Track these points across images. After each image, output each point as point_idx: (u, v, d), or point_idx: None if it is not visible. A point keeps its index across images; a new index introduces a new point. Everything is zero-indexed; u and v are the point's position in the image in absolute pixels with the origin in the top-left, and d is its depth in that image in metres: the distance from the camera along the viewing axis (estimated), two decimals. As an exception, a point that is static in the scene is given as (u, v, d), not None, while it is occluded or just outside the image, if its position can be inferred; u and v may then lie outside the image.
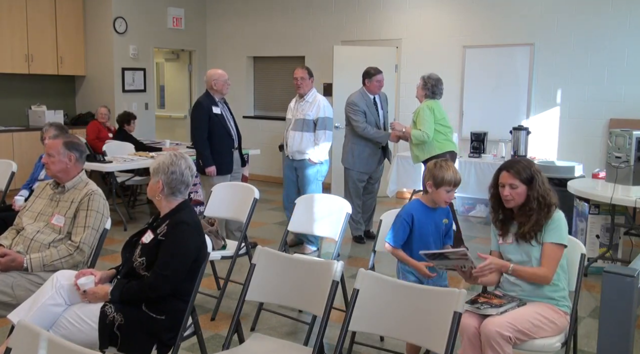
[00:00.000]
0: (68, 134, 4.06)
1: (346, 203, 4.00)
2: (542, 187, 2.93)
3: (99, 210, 3.30)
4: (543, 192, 2.92)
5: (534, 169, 2.97)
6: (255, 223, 6.50)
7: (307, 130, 5.53)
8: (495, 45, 7.61)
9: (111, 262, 4.81)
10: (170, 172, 2.90)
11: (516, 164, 3.00)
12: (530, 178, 2.93)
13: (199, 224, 2.94)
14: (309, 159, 5.57)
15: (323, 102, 5.58)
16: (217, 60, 10.01)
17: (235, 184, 4.68)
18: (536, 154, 7.19)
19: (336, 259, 2.82)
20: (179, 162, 2.93)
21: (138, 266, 2.82)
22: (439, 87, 5.64)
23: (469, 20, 7.81)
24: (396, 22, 8.37)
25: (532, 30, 7.36)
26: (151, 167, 2.95)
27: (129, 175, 7.06)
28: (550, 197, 2.94)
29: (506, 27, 7.54)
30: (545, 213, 2.91)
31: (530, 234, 2.92)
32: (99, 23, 8.97)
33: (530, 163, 3.02)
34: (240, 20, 9.85)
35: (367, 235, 6.24)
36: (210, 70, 5.64)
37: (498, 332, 2.66)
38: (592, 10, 7.02)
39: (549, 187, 2.98)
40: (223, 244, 4.19)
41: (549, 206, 2.92)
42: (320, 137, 5.54)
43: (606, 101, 7.02)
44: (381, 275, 2.56)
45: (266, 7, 9.55)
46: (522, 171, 2.94)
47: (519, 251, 2.99)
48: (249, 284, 2.81)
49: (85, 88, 9.35)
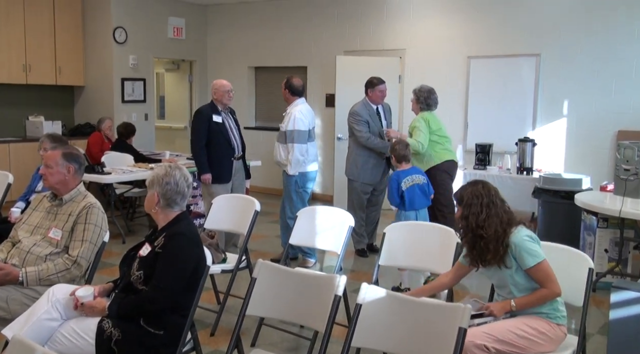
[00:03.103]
0: (67, 145, 4.07)
1: (349, 216, 4.00)
2: (467, 209, 2.88)
3: (97, 223, 3.30)
4: (469, 216, 2.87)
5: (470, 190, 2.93)
6: (256, 236, 6.49)
7: (282, 141, 5.56)
8: (501, 55, 7.63)
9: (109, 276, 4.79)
10: (165, 183, 2.91)
11: (462, 186, 3.02)
12: (461, 199, 2.92)
13: (196, 235, 2.94)
14: (285, 171, 5.61)
15: (295, 114, 5.49)
16: (217, 71, 10.05)
17: (235, 196, 4.68)
18: (542, 166, 7.18)
19: (338, 273, 2.81)
20: (173, 172, 2.94)
21: (136, 279, 2.81)
22: (432, 97, 5.73)
23: (473, 31, 7.83)
24: (400, 32, 8.40)
25: (538, 40, 7.38)
26: (147, 181, 2.97)
27: (127, 187, 7.06)
28: (479, 225, 2.85)
29: (512, 37, 7.57)
30: (480, 245, 2.85)
31: (491, 262, 2.87)
32: (98, 33, 9.02)
33: (472, 184, 2.98)
34: (241, 30, 9.90)
35: (370, 248, 6.22)
36: (215, 81, 5.76)
37: (471, 342, 2.63)
38: (599, 19, 7.04)
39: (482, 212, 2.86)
40: (223, 257, 4.18)
41: (477, 235, 2.85)
42: (290, 150, 5.51)
43: (614, 112, 7.03)
44: (385, 290, 2.55)
45: (268, 17, 9.60)
46: (459, 192, 2.96)
47: (494, 275, 2.96)
48: (250, 299, 2.80)
49: (84, 99, 9.38)
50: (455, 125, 7.84)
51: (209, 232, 4.23)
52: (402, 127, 8.13)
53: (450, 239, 3.40)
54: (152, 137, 9.64)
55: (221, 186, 5.58)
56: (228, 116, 5.74)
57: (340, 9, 8.89)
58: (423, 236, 3.55)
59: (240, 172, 5.85)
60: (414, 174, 5.02)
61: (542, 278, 2.81)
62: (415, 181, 4.98)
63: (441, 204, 5.62)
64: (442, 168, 5.67)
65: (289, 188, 5.61)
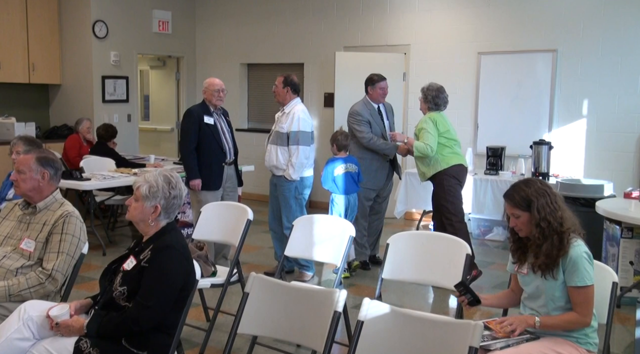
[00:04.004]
0: (41, 149, 4.06)
1: (349, 225, 3.99)
2: (542, 211, 2.85)
3: (74, 234, 3.29)
4: (547, 216, 2.85)
5: (531, 190, 2.90)
6: (248, 247, 6.48)
7: (280, 144, 5.53)
8: (514, 51, 7.65)
9: (88, 291, 4.79)
10: (172, 197, 2.89)
11: (514, 190, 2.95)
12: (528, 203, 2.88)
13: (186, 249, 2.93)
14: (284, 176, 5.58)
15: (298, 114, 5.51)
16: (207, 68, 10.07)
17: (226, 204, 4.68)
18: (560, 171, 7.19)
19: (338, 288, 2.80)
20: (178, 184, 2.92)
21: (118, 295, 2.79)
22: (441, 96, 5.72)
23: (484, 24, 7.85)
24: (404, 26, 8.42)
25: (555, 34, 7.40)
26: (144, 190, 2.87)
27: (108, 194, 7.05)
28: (559, 222, 2.86)
29: (526, 31, 7.58)
30: (556, 242, 2.84)
31: (541, 267, 2.86)
32: (76, 26, 9.02)
33: (530, 184, 2.95)
34: (233, 24, 9.92)
35: (372, 260, 6.21)
36: (207, 79, 5.76)
37: None
38: (621, 11, 7.05)
39: (556, 208, 2.88)
40: (213, 270, 4.17)
41: (559, 233, 2.85)
42: (293, 153, 5.49)
43: (639, 112, 7.03)
44: (389, 305, 2.54)
45: (262, 10, 9.62)
46: (518, 198, 2.90)
47: (532, 283, 2.96)
48: (242, 316, 2.80)
49: (60, 98, 9.38)
50: (464, 127, 7.85)
51: (198, 243, 4.21)
52: (407, 130, 8.13)
53: (459, 250, 3.40)
54: (136, 140, 9.63)
55: (211, 193, 5.57)
56: (220, 118, 5.73)
57: (340, 1, 8.91)
58: (430, 247, 3.54)
59: (232, 178, 5.83)
60: (349, 163, 5.77)
61: (579, 302, 2.82)
62: (349, 169, 5.75)
63: (449, 212, 5.61)
64: (450, 173, 5.66)
65: (287, 195, 5.59)
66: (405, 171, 7.41)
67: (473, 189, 7.02)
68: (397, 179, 6.83)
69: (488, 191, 7.05)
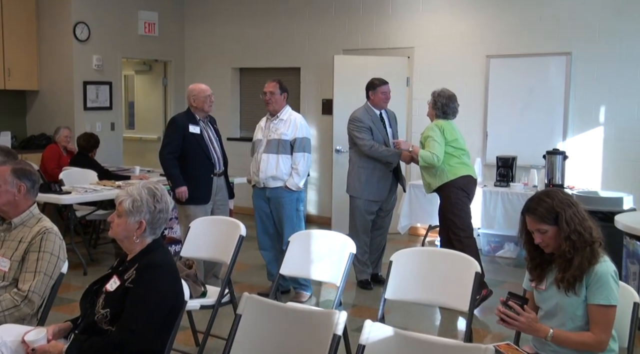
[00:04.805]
0: (17, 160, 4.06)
1: (350, 241, 3.99)
2: (572, 222, 2.87)
3: (53, 252, 3.28)
4: (577, 227, 2.87)
5: (556, 201, 2.91)
6: (241, 265, 6.47)
7: (283, 152, 5.55)
8: (525, 54, 7.68)
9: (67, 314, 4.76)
10: (158, 211, 2.88)
11: (537, 203, 2.95)
12: (555, 216, 2.88)
13: (174, 267, 2.93)
14: (285, 186, 5.57)
15: (300, 120, 5.63)
16: (196, 73, 10.08)
17: (217, 218, 4.68)
18: (575, 183, 7.20)
19: (338, 309, 2.80)
20: (164, 197, 2.91)
21: (101, 319, 2.79)
22: (451, 105, 5.73)
23: (493, 25, 7.89)
24: (407, 28, 8.45)
25: (569, 36, 7.43)
26: (127, 204, 2.86)
27: (90, 208, 7.05)
28: (589, 232, 2.88)
29: (538, 32, 7.61)
30: (588, 254, 2.86)
31: (569, 280, 2.87)
32: (55, 28, 9.04)
33: (552, 195, 2.96)
34: (224, 25, 9.95)
35: (374, 279, 6.20)
36: (192, 85, 5.78)
37: None
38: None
39: (584, 218, 2.91)
40: (203, 290, 4.17)
41: (590, 243, 2.86)
42: (299, 160, 5.54)
43: (660, 119, 7.07)
44: (392, 328, 2.53)
45: (255, 11, 9.65)
46: (544, 211, 2.91)
47: (551, 299, 2.96)
48: (234, 340, 2.79)
49: (38, 105, 9.38)
50: (472, 135, 7.86)
51: (186, 261, 4.21)
52: (411, 138, 8.14)
53: (468, 268, 3.39)
54: (120, 150, 9.65)
55: (200, 208, 5.56)
56: (208, 126, 5.74)
57: (338, 1, 8.95)
58: (437, 265, 3.54)
59: (222, 191, 5.84)
60: None
61: (599, 321, 2.83)
62: None
63: (457, 227, 5.61)
64: (458, 185, 5.66)
65: (289, 207, 5.58)
66: (409, 183, 7.41)
67: (482, 202, 7.02)
68: (401, 192, 6.83)
69: (498, 205, 7.06)
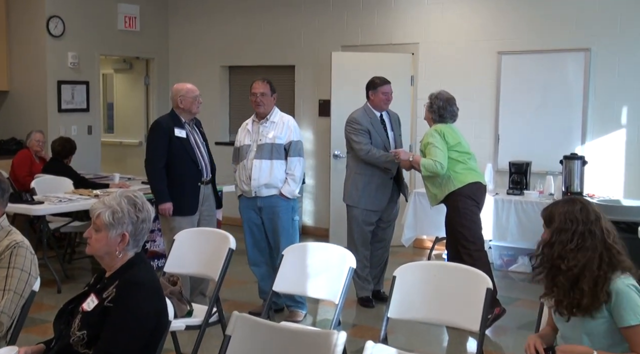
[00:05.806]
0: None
1: (349, 254, 3.99)
2: (559, 245, 2.92)
3: (24, 268, 3.28)
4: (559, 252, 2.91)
5: (560, 212, 2.96)
6: (230, 281, 6.45)
7: (277, 157, 5.55)
8: (540, 50, 7.70)
9: (39, 336, 4.75)
10: (141, 221, 2.88)
11: (551, 205, 3.05)
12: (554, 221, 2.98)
13: (157, 284, 2.93)
14: (280, 194, 5.58)
15: (293, 123, 5.68)
16: (181, 71, 10.09)
17: (203, 230, 4.68)
18: (596, 190, 7.20)
19: (336, 329, 2.80)
20: (145, 205, 2.91)
21: (77, 341, 2.78)
22: (449, 109, 5.71)
23: (505, 20, 7.91)
24: (412, 22, 8.48)
25: (588, 31, 7.44)
26: (106, 217, 2.82)
27: (65, 220, 7.03)
28: (568, 261, 2.90)
29: (554, 27, 7.63)
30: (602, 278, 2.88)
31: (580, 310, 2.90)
32: (27, 23, 9.05)
33: (567, 206, 3.00)
34: (212, 20, 9.96)
35: (376, 296, 6.21)
36: (177, 85, 5.76)
37: None
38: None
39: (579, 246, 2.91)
40: (188, 309, 4.17)
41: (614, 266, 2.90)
42: (295, 165, 5.56)
43: (686, 121, 7.09)
44: (396, 349, 2.53)
45: (246, 4, 9.66)
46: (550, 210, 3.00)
47: (568, 324, 2.98)
48: (222, 363, 2.78)
49: (8, 107, 9.38)
50: (483, 139, 7.87)
51: (171, 277, 4.21)
52: (415, 143, 8.14)
53: (478, 284, 3.39)
54: (98, 156, 9.64)
55: (185, 219, 5.54)
56: (194, 129, 5.74)
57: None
58: (444, 281, 3.54)
59: (210, 200, 5.83)
60: None
61: (638, 342, 2.83)
62: None
63: (466, 239, 5.60)
64: (466, 193, 5.64)
65: (285, 216, 5.58)
66: (414, 191, 7.41)
67: (494, 212, 7.03)
68: (404, 202, 6.82)
69: (511, 214, 7.05)
